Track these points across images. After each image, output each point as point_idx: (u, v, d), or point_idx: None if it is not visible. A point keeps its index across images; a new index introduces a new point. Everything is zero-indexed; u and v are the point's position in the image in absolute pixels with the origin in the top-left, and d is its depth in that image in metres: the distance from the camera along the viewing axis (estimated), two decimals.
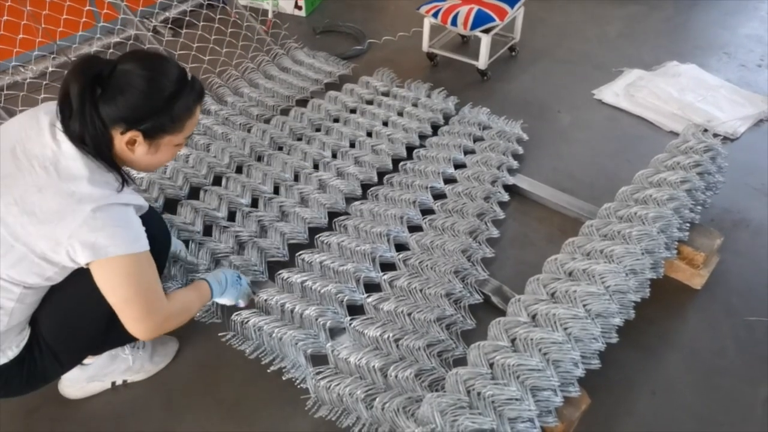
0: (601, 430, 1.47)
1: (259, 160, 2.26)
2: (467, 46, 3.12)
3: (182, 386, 1.57)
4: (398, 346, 1.54)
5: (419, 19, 2.92)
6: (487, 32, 2.70)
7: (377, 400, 1.38)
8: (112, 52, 2.80)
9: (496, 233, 1.95)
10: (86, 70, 1.12)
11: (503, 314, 1.51)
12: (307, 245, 1.89)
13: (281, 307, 1.65)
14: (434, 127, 2.44)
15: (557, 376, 1.29)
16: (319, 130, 2.43)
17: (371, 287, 1.75)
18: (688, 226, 1.73)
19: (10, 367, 1.21)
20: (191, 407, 1.53)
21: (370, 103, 2.59)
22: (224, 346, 1.62)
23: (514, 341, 1.36)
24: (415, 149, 2.30)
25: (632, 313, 1.52)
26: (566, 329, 1.37)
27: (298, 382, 1.51)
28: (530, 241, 2.00)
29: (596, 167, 2.33)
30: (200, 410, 1.52)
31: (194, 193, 2.07)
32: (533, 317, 1.42)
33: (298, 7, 3.52)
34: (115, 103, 1.14)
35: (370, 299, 1.66)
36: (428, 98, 2.59)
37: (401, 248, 1.87)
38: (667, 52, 3.08)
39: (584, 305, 1.42)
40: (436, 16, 2.77)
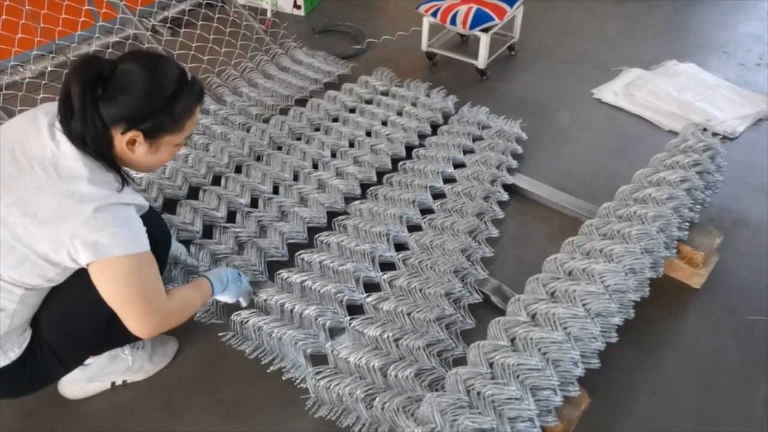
0: (600, 429, 1.47)
1: (258, 159, 2.26)
2: (466, 45, 3.12)
3: (182, 386, 1.57)
4: (398, 345, 1.54)
5: (418, 18, 2.92)
6: (486, 31, 2.70)
7: (377, 399, 1.39)
8: (110, 51, 2.79)
9: (495, 233, 1.95)
10: (87, 70, 1.12)
11: (503, 314, 1.51)
12: (306, 245, 1.89)
13: (281, 306, 1.65)
14: (433, 126, 2.44)
15: (557, 375, 1.29)
16: (318, 129, 2.43)
17: (371, 287, 1.75)
18: (687, 225, 1.73)
19: (12, 368, 1.21)
20: (191, 407, 1.53)
21: (369, 102, 2.59)
22: (224, 346, 1.62)
23: (513, 341, 1.36)
24: (414, 149, 2.30)
25: (632, 312, 1.52)
26: (566, 329, 1.37)
27: (297, 382, 1.51)
28: (530, 240, 2.00)
29: (595, 166, 2.33)
30: (200, 410, 1.52)
31: (193, 192, 2.07)
32: (533, 317, 1.42)
33: (297, 6, 3.52)
34: (116, 102, 1.14)
35: (369, 299, 1.66)
36: (427, 98, 2.59)
37: (401, 248, 1.87)
38: (666, 51, 3.08)
39: (584, 304, 1.42)
40: (435, 15, 2.77)
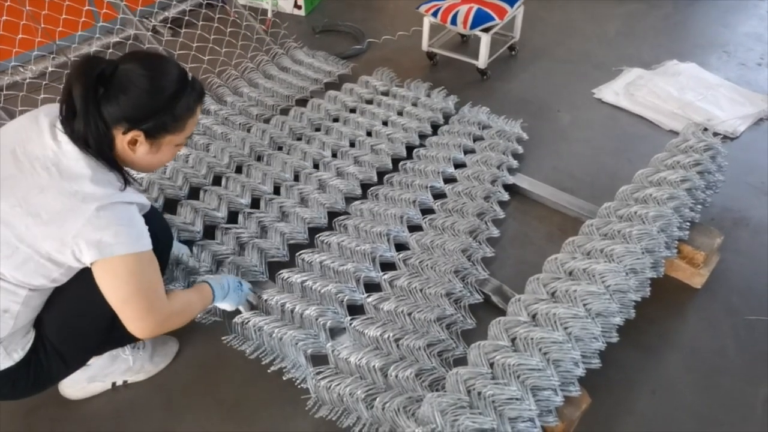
0: (601, 429, 1.47)
1: (258, 159, 2.26)
2: (467, 45, 3.12)
3: (182, 386, 1.57)
4: (398, 345, 1.54)
5: (419, 18, 2.92)
6: (486, 31, 2.70)
7: (377, 400, 1.38)
8: (111, 52, 2.79)
9: (496, 233, 1.95)
10: (89, 70, 1.12)
11: (503, 314, 1.51)
12: (307, 245, 1.89)
13: (281, 307, 1.65)
14: (434, 126, 2.44)
15: (557, 375, 1.29)
16: (318, 129, 2.43)
17: (371, 287, 1.75)
18: (688, 225, 1.73)
19: (16, 369, 1.21)
20: (191, 407, 1.53)
21: (369, 102, 2.59)
22: (224, 346, 1.62)
23: (514, 341, 1.36)
24: (414, 149, 2.30)
25: (632, 312, 1.52)
26: (566, 329, 1.37)
27: (298, 382, 1.51)
28: (530, 240, 2.00)
29: (596, 166, 2.33)
30: (200, 410, 1.52)
31: (194, 193, 2.07)
32: (533, 317, 1.42)
33: (297, 6, 3.52)
34: (117, 102, 1.14)
35: (370, 299, 1.66)
36: (428, 98, 2.59)
37: (401, 248, 1.87)
38: (666, 50, 3.08)
39: (584, 304, 1.42)
40: (435, 15, 2.77)
